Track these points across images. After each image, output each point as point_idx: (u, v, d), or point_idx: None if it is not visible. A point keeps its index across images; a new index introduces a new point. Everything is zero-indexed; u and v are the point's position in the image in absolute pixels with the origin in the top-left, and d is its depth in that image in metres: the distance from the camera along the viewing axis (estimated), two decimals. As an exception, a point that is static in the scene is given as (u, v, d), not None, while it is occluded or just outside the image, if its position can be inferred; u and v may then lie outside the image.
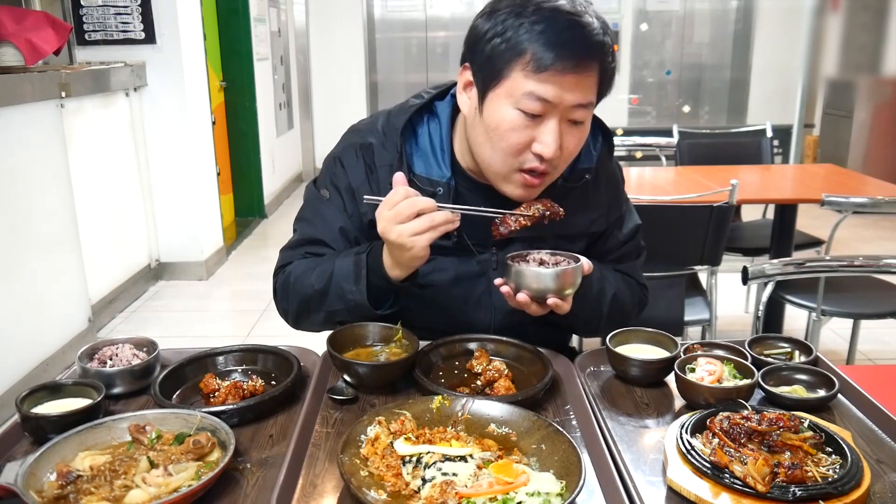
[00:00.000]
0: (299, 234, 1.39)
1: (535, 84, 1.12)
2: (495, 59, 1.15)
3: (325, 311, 1.30)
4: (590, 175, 1.34)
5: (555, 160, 1.18)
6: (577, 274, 1.19)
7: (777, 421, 0.94)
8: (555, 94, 1.12)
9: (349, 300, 1.25)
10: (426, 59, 7.37)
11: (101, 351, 1.20)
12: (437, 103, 1.34)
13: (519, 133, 1.16)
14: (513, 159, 1.19)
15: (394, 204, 1.13)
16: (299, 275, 1.32)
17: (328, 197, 1.35)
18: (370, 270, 1.23)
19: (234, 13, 5.53)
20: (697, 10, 7.22)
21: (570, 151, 1.21)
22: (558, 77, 1.11)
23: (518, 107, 1.14)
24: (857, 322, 2.70)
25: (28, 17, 3.43)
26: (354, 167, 1.33)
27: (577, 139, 1.20)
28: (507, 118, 1.15)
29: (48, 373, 3.06)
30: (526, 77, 1.13)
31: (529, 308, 1.20)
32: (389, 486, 0.89)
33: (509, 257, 1.22)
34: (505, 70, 1.14)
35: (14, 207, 2.94)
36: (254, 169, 5.89)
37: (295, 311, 1.36)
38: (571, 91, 1.13)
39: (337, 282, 1.26)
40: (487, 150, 1.21)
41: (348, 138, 1.38)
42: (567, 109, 1.15)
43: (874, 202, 2.86)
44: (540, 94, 1.12)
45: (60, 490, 0.86)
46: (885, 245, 5.20)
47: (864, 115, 6.27)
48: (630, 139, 4.50)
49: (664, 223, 2.39)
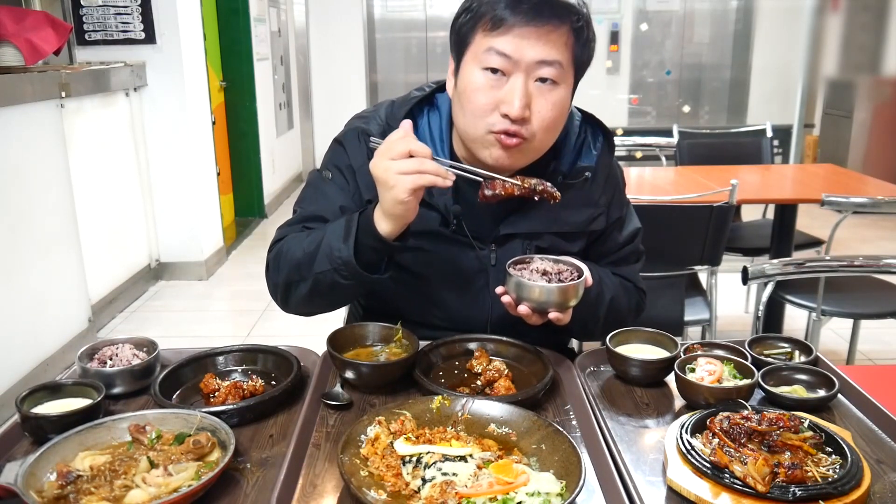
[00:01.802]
0: (299, 213, 1.36)
1: (494, 39, 1.16)
2: (463, 29, 1.21)
3: (312, 276, 1.23)
4: (590, 173, 1.34)
5: (526, 122, 1.17)
6: (580, 288, 1.18)
7: (777, 421, 0.94)
8: (513, 47, 1.15)
9: (336, 258, 1.19)
10: (426, 59, 7.38)
11: (101, 351, 1.20)
12: (438, 95, 1.35)
13: (485, 93, 1.18)
14: (482, 121, 1.19)
15: (390, 141, 1.14)
16: (292, 244, 1.29)
17: (330, 177, 1.35)
18: (360, 228, 1.19)
19: (234, 13, 5.53)
20: (697, 10, 7.22)
21: (545, 117, 1.19)
22: (517, 30, 1.14)
23: (482, 66, 1.17)
24: (857, 322, 2.70)
25: (28, 17, 3.43)
26: (356, 149, 1.33)
27: (550, 103, 1.19)
28: (473, 80, 1.19)
29: (48, 373, 3.06)
30: (485, 36, 1.17)
31: (530, 319, 1.20)
32: (389, 486, 0.89)
33: (511, 264, 1.20)
34: (470, 36, 1.20)
35: (14, 207, 2.94)
36: (254, 169, 5.89)
37: (284, 282, 1.29)
38: (532, 45, 1.15)
39: (327, 242, 1.21)
40: (461, 117, 1.23)
41: (352, 123, 1.38)
42: (531, 66, 1.16)
43: (874, 202, 2.86)
44: (499, 49, 1.15)
45: (60, 490, 0.86)
46: (885, 245, 5.20)
47: (864, 115, 6.26)
48: (630, 139, 4.50)
49: (664, 223, 2.39)
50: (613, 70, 7.28)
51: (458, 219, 1.30)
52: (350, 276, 1.19)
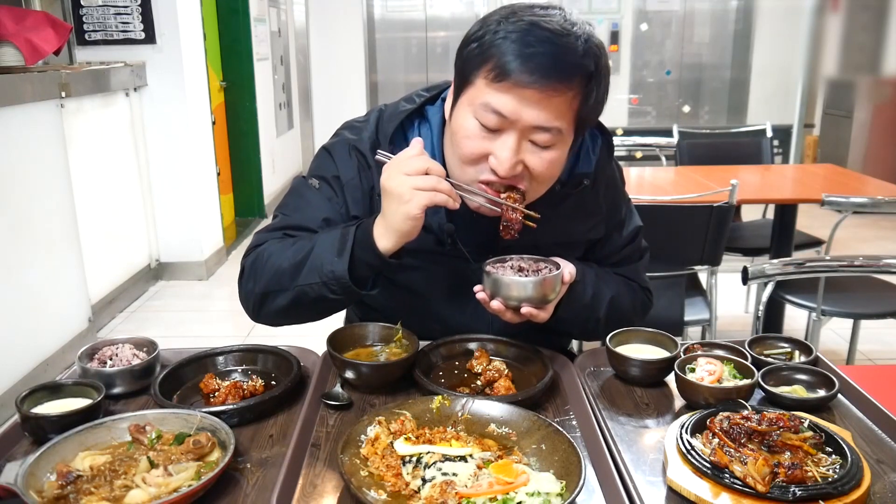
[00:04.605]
0: (281, 220, 1.30)
1: (493, 94, 1.08)
2: (468, 63, 1.13)
3: (295, 288, 1.18)
4: (588, 180, 1.30)
5: (517, 177, 1.13)
6: (556, 283, 1.16)
7: (777, 421, 0.94)
8: (511, 108, 1.08)
9: (328, 272, 1.14)
10: (426, 59, 7.38)
11: (101, 351, 1.20)
12: (429, 108, 1.30)
13: (474, 142, 1.12)
14: (469, 168, 1.15)
15: (406, 157, 1.12)
16: (274, 251, 1.23)
17: (317, 186, 1.30)
18: (356, 242, 1.15)
19: (234, 13, 5.52)
20: (697, 10, 7.22)
21: (541, 174, 1.14)
22: (518, 90, 1.06)
23: (476, 116, 1.11)
24: (857, 322, 2.70)
25: (28, 17, 3.43)
26: (346, 162, 1.29)
27: (547, 163, 1.13)
28: (465, 126, 1.13)
29: (48, 373, 3.06)
30: (486, 85, 1.09)
31: (505, 316, 1.18)
32: (389, 486, 0.89)
33: (488, 263, 1.19)
34: (472, 76, 1.12)
35: (14, 207, 2.94)
36: (254, 169, 5.88)
37: (261, 291, 1.23)
38: (532, 108, 1.07)
39: (318, 254, 1.17)
40: (451, 155, 1.19)
41: (342, 134, 1.34)
42: (527, 129, 1.10)
43: (874, 202, 2.86)
44: (495, 107, 1.08)
45: (60, 490, 0.86)
46: (885, 245, 5.20)
47: (864, 115, 6.26)
48: (630, 139, 4.50)
49: (664, 223, 2.39)
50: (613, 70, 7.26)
51: (452, 237, 1.26)
52: (340, 292, 1.16)
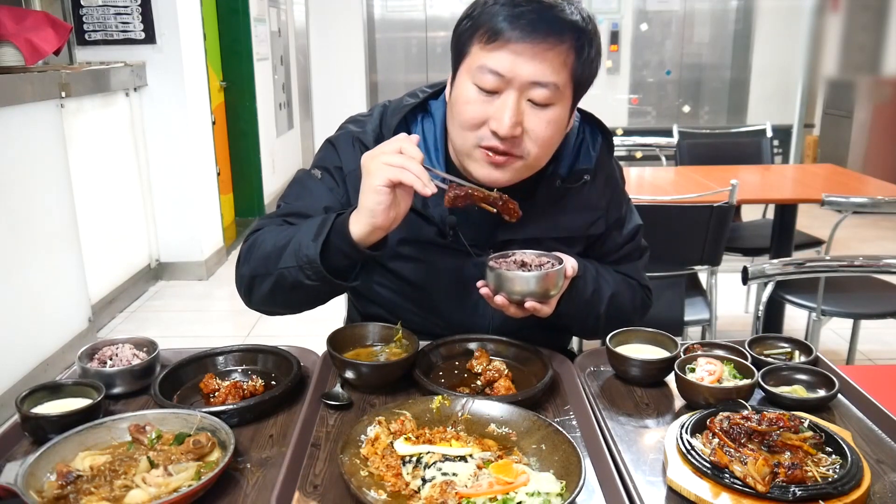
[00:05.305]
0: (282, 208, 1.33)
1: (488, 55, 1.12)
2: (462, 37, 1.18)
3: (276, 272, 1.19)
4: (588, 176, 1.32)
5: (518, 140, 1.15)
6: (559, 277, 1.16)
7: (777, 421, 0.94)
8: (507, 66, 1.11)
9: (303, 255, 1.15)
10: (426, 59, 7.38)
11: (101, 351, 1.20)
12: (432, 102, 1.33)
13: (474, 107, 1.15)
14: (470, 134, 1.17)
15: (392, 139, 1.14)
16: (267, 237, 1.25)
17: (319, 176, 1.32)
18: (333, 227, 1.15)
19: (234, 13, 5.52)
20: (697, 10, 7.22)
21: (539, 136, 1.16)
22: (512, 45, 1.10)
23: (474, 81, 1.14)
24: (857, 322, 2.70)
25: (28, 17, 3.43)
26: (349, 154, 1.31)
27: (545, 123, 1.15)
28: (465, 93, 1.16)
29: (48, 373, 3.06)
30: (481, 49, 1.13)
31: (508, 310, 1.19)
32: (389, 486, 0.89)
33: (492, 258, 1.20)
34: (467, 46, 1.17)
35: (14, 207, 2.94)
36: (254, 169, 5.88)
37: (250, 274, 1.25)
38: (527, 63, 1.11)
39: (298, 238, 1.18)
40: (452, 127, 1.22)
41: (346, 127, 1.37)
42: (524, 86, 1.12)
43: (874, 202, 2.86)
44: (491, 67, 1.12)
45: (60, 490, 0.86)
46: (885, 245, 5.20)
47: (864, 115, 6.26)
48: (630, 139, 4.50)
49: (664, 223, 2.39)
50: (613, 70, 7.28)
51: (454, 229, 1.28)
52: (315, 277, 1.16)
